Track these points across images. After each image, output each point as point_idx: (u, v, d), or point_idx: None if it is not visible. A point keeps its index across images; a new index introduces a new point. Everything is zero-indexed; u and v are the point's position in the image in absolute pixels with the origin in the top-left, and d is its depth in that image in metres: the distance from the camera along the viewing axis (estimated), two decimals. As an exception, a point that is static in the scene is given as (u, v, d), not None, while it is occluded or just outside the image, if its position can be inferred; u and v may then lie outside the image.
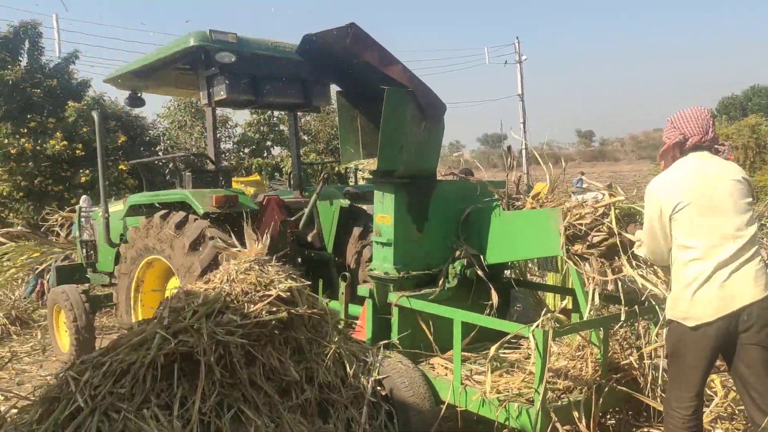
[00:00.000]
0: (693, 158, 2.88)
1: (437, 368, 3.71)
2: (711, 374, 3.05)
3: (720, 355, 2.85)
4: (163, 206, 4.96)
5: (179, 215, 4.68)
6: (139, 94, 6.06)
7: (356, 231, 5.21)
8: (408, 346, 3.75)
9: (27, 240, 8.85)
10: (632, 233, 3.32)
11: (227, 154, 18.69)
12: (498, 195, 3.97)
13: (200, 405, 2.95)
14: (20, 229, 9.14)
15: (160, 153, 15.53)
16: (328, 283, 4.81)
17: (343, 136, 4.18)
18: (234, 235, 4.30)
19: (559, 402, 3.18)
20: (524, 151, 25.48)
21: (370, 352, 3.60)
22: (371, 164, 3.98)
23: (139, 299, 5.16)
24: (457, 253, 3.99)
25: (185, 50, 4.85)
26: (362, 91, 4.02)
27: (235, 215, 4.62)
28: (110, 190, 9.84)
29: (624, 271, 3.33)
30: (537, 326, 2.98)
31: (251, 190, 6.64)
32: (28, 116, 12.09)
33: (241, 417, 3.06)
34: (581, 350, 3.44)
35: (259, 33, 4.99)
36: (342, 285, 4.09)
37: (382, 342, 3.74)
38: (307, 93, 5.49)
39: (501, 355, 3.62)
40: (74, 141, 12.28)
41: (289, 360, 3.33)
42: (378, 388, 3.45)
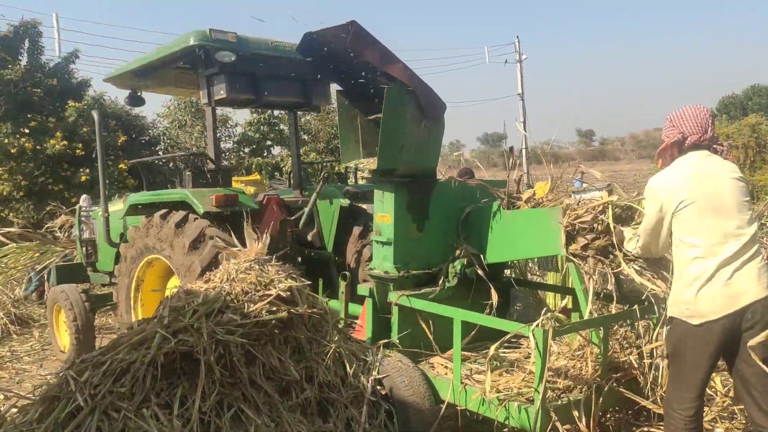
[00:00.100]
0: (692, 157, 2.88)
1: (437, 367, 3.70)
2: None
3: (721, 355, 2.84)
4: (163, 205, 4.95)
5: (179, 214, 4.68)
6: (139, 94, 6.05)
7: (356, 230, 5.21)
8: (408, 346, 3.74)
9: (28, 240, 8.84)
10: (619, 234, 3.32)
11: (227, 154, 18.70)
12: (498, 194, 3.97)
13: (200, 404, 2.95)
14: (21, 230, 9.12)
15: (160, 152, 15.52)
16: (328, 283, 4.81)
17: (343, 136, 4.19)
18: (234, 235, 4.30)
19: (559, 401, 3.18)
20: (524, 151, 25.54)
21: (370, 352, 3.60)
22: (371, 163, 3.98)
23: (139, 298, 5.16)
24: (457, 253, 3.99)
25: (185, 49, 4.84)
26: (362, 90, 4.02)
27: (235, 215, 4.61)
28: (110, 189, 9.82)
29: (621, 268, 3.32)
30: (537, 325, 2.98)
31: (251, 190, 6.64)
32: (29, 116, 12.09)
33: (241, 416, 3.06)
34: (581, 349, 3.44)
35: (259, 32, 4.97)
36: (342, 284, 4.09)
37: (382, 341, 3.74)
38: (307, 92, 5.48)
39: (501, 355, 3.62)
40: (74, 140, 12.28)
41: (289, 359, 3.33)
42: (378, 388, 3.45)
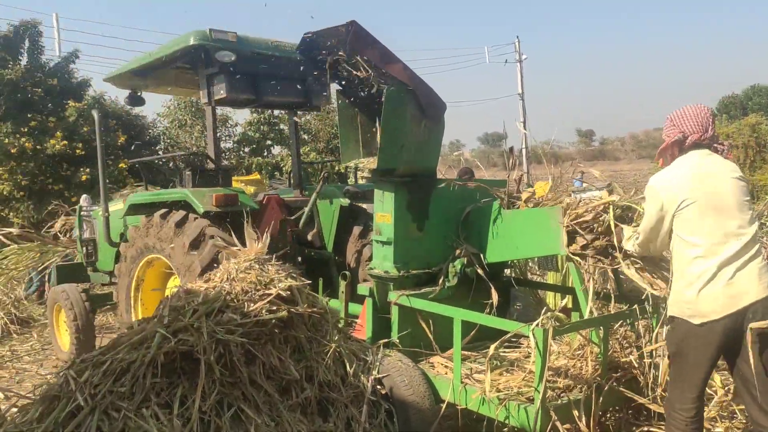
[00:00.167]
0: (693, 156, 2.87)
1: (437, 367, 3.71)
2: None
3: (722, 355, 2.84)
4: (163, 205, 4.95)
5: (179, 214, 4.68)
6: (139, 93, 6.05)
7: (356, 230, 5.21)
8: (408, 345, 3.74)
9: (29, 241, 8.84)
10: (619, 234, 3.32)
11: (227, 153, 18.70)
12: (498, 194, 3.97)
13: (200, 404, 2.95)
14: (21, 231, 9.12)
15: (161, 152, 15.52)
16: (328, 282, 4.81)
17: (343, 135, 4.18)
18: (234, 234, 4.30)
19: (559, 401, 3.18)
20: (524, 151, 25.54)
21: (370, 351, 3.60)
22: (371, 163, 3.98)
23: (139, 298, 5.16)
24: (458, 252, 3.99)
25: (185, 49, 4.84)
26: (362, 90, 4.01)
27: (235, 214, 4.61)
28: (111, 189, 9.80)
29: (621, 268, 3.32)
30: (537, 325, 2.98)
31: (251, 189, 6.64)
32: (29, 115, 12.09)
33: (241, 416, 3.06)
34: (581, 349, 3.44)
35: (259, 32, 4.98)
36: (342, 284, 4.09)
37: (382, 341, 3.74)
38: (307, 92, 5.48)
39: (501, 354, 3.61)
40: (74, 140, 12.28)
41: (289, 359, 3.33)
42: (378, 387, 3.45)
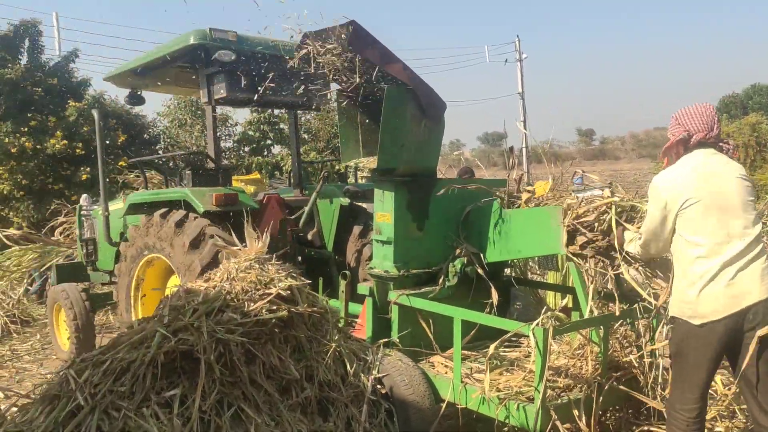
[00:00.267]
0: (698, 155, 2.85)
1: (437, 366, 3.71)
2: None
3: (724, 355, 2.83)
4: (163, 204, 4.95)
5: (179, 213, 4.68)
6: (139, 93, 6.05)
7: (356, 229, 5.22)
8: (408, 345, 3.75)
9: (30, 242, 8.85)
10: (620, 236, 3.31)
11: (227, 153, 18.68)
12: (498, 194, 3.97)
13: (200, 403, 2.96)
14: (23, 232, 9.13)
15: (161, 151, 15.50)
16: (329, 282, 4.81)
17: (343, 135, 4.18)
18: (234, 234, 4.30)
19: (559, 400, 3.18)
20: (525, 150, 25.53)
21: (370, 351, 3.61)
22: (371, 163, 3.98)
23: (139, 297, 5.16)
24: (458, 252, 3.99)
25: (185, 48, 4.84)
26: (362, 90, 4.01)
27: (236, 214, 4.61)
28: (111, 188, 9.79)
29: (620, 272, 3.32)
30: (537, 324, 2.98)
31: (251, 189, 6.62)
32: (29, 115, 12.08)
33: (241, 415, 3.06)
34: (581, 348, 3.44)
35: (259, 32, 4.95)
36: (342, 283, 4.09)
37: (382, 340, 3.74)
38: (308, 91, 5.47)
39: (501, 354, 3.61)
40: (74, 140, 12.27)
41: (289, 358, 3.33)
42: (378, 387, 3.45)
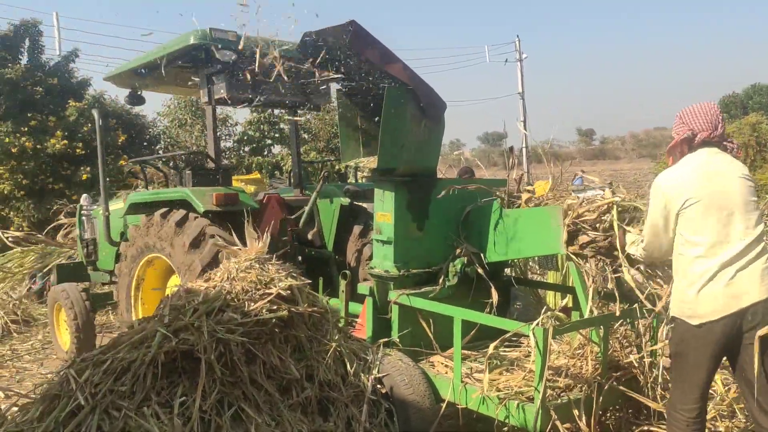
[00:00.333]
0: (701, 154, 2.84)
1: (437, 366, 3.71)
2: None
3: (724, 355, 2.83)
4: (164, 204, 4.95)
5: (180, 213, 4.68)
6: (139, 92, 6.05)
7: (356, 229, 5.22)
8: (408, 344, 3.74)
9: (32, 243, 8.85)
10: (621, 237, 3.30)
11: (227, 153, 18.68)
12: (499, 194, 3.97)
13: (201, 403, 2.96)
14: (25, 233, 9.13)
15: (161, 151, 15.50)
16: (329, 282, 4.81)
17: (343, 135, 4.18)
18: (234, 234, 4.30)
19: (559, 400, 3.18)
20: (525, 150, 25.53)
21: (371, 350, 3.61)
22: (371, 162, 3.98)
23: (140, 297, 5.16)
24: (458, 251, 3.99)
25: (185, 48, 4.84)
26: (362, 90, 4.01)
27: (236, 213, 4.61)
28: (112, 187, 9.79)
29: (621, 274, 3.31)
30: (537, 324, 2.99)
31: (251, 189, 6.62)
32: (29, 115, 12.08)
33: (242, 415, 3.06)
34: (581, 348, 3.44)
35: (259, 31, 4.95)
36: (342, 283, 4.09)
37: (383, 340, 3.74)
38: (308, 91, 5.48)
39: (501, 353, 3.62)
40: (75, 140, 12.27)
41: (290, 358, 3.34)
42: (378, 386, 3.45)
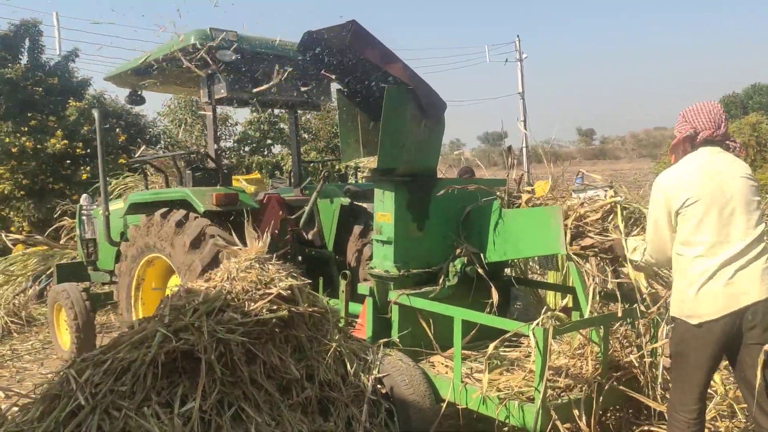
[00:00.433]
0: (703, 153, 2.83)
1: (437, 366, 3.71)
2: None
3: (723, 355, 2.82)
4: (164, 204, 4.96)
5: (180, 213, 4.68)
6: (140, 92, 6.05)
7: (357, 229, 5.21)
8: (408, 344, 3.74)
9: (34, 245, 8.85)
10: (618, 244, 3.28)
11: (227, 153, 18.68)
12: (499, 194, 3.97)
13: (201, 403, 2.96)
14: (26, 235, 9.14)
15: (161, 151, 15.51)
16: (329, 282, 4.81)
17: (344, 135, 4.18)
18: (234, 234, 4.30)
19: (560, 400, 3.18)
20: (525, 150, 25.52)
21: (371, 350, 3.61)
22: (372, 162, 3.98)
23: (140, 297, 5.16)
24: (458, 251, 3.99)
25: (186, 48, 4.84)
26: (363, 90, 4.02)
27: (236, 213, 4.61)
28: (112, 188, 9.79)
29: (625, 270, 3.32)
30: (537, 324, 2.99)
31: (252, 189, 6.62)
32: (29, 115, 12.09)
33: (242, 415, 3.06)
34: (581, 348, 3.44)
35: (260, 31, 4.97)
36: (342, 283, 4.09)
37: (383, 340, 3.74)
38: (308, 91, 5.48)
39: (501, 353, 3.62)
40: (75, 140, 12.27)
41: (290, 358, 3.34)
42: (378, 386, 3.45)
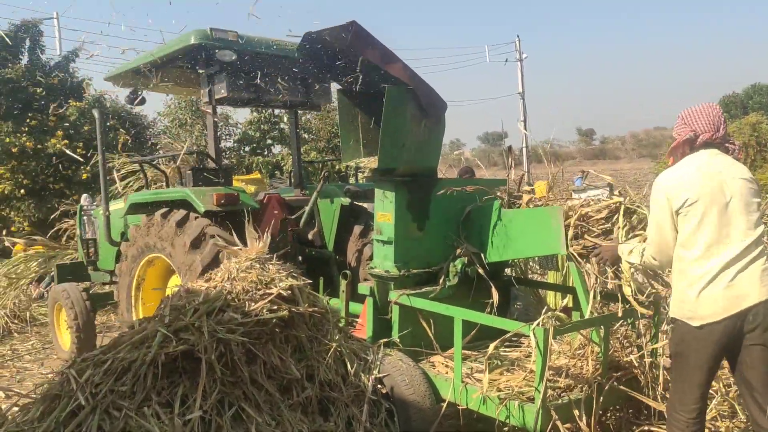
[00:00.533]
0: (702, 155, 2.83)
1: (438, 366, 3.71)
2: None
3: (723, 356, 2.82)
4: (164, 204, 4.96)
5: (180, 213, 4.68)
6: (140, 93, 6.05)
7: (357, 229, 5.22)
8: (409, 344, 3.75)
9: (31, 247, 8.85)
10: (612, 248, 3.28)
11: (227, 152, 18.68)
12: (499, 194, 3.97)
13: (201, 403, 2.96)
14: (30, 238, 9.15)
15: (161, 151, 15.51)
16: (329, 282, 4.81)
17: (344, 135, 4.18)
18: (235, 234, 4.31)
19: (560, 400, 3.18)
20: (525, 150, 25.53)
21: (371, 350, 3.61)
22: (372, 162, 3.98)
23: (140, 297, 5.16)
24: (458, 251, 3.99)
25: (186, 48, 4.84)
26: (363, 90, 4.02)
27: (236, 213, 4.61)
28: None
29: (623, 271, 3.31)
30: (538, 324, 2.99)
31: (252, 189, 6.62)
32: (29, 115, 12.09)
33: (242, 415, 3.06)
34: (582, 348, 3.44)
35: (260, 31, 4.99)
36: (343, 283, 4.09)
37: (383, 340, 3.74)
38: (308, 91, 5.49)
39: (502, 354, 3.62)
40: (75, 140, 12.28)
41: (290, 358, 3.34)
42: (379, 386, 3.45)
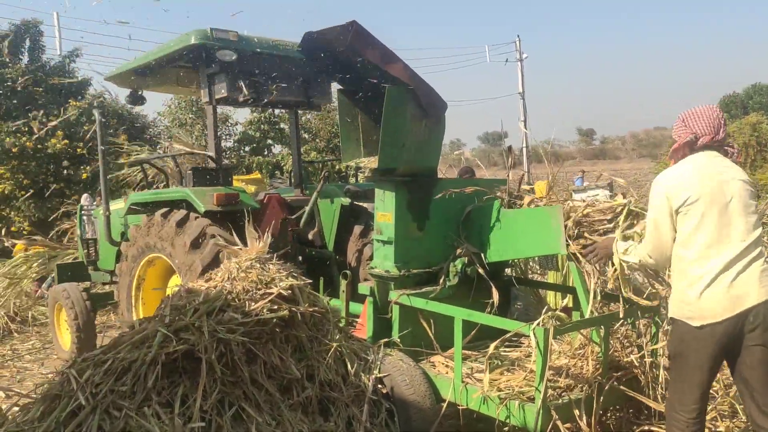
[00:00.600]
0: (701, 156, 2.84)
1: (438, 366, 3.71)
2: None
3: (723, 356, 2.82)
4: (164, 204, 4.96)
5: (180, 213, 4.68)
6: (140, 92, 6.05)
7: (357, 229, 5.21)
8: (409, 344, 3.75)
9: (38, 248, 8.85)
10: (608, 245, 3.27)
11: (228, 153, 18.68)
12: (499, 193, 3.97)
13: (201, 403, 2.96)
14: (30, 238, 9.15)
15: (161, 151, 15.52)
16: (329, 282, 4.81)
17: (344, 135, 4.18)
18: (235, 233, 4.31)
19: (560, 400, 3.19)
20: (525, 150, 25.53)
21: (371, 350, 3.61)
22: (372, 162, 3.98)
23: (141, 297, 5.16)
24: (458, 251, 3.99)
25: (186, 48, 4.84)
26: (363, 90, 4.02)
27: (236, 213, 4.61)
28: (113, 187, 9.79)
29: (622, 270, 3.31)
30: (538, 324, 2.99)
31: (252, 189, 6.62)
32: (29, 115, 12.09)
33: (242, 415, 3.07)
34: (582, 348, 3.44)
35: (260, 31, 4.99)
36: (343, 283, 4.09)
37: (383, 340, 3.74)
38: (308, 91, 5.48)
39: (502, 353, 3.62)
40: (75, 139, 12.28)
41: (290, 358, 3.34)
42: (379, 386, 3.45)
